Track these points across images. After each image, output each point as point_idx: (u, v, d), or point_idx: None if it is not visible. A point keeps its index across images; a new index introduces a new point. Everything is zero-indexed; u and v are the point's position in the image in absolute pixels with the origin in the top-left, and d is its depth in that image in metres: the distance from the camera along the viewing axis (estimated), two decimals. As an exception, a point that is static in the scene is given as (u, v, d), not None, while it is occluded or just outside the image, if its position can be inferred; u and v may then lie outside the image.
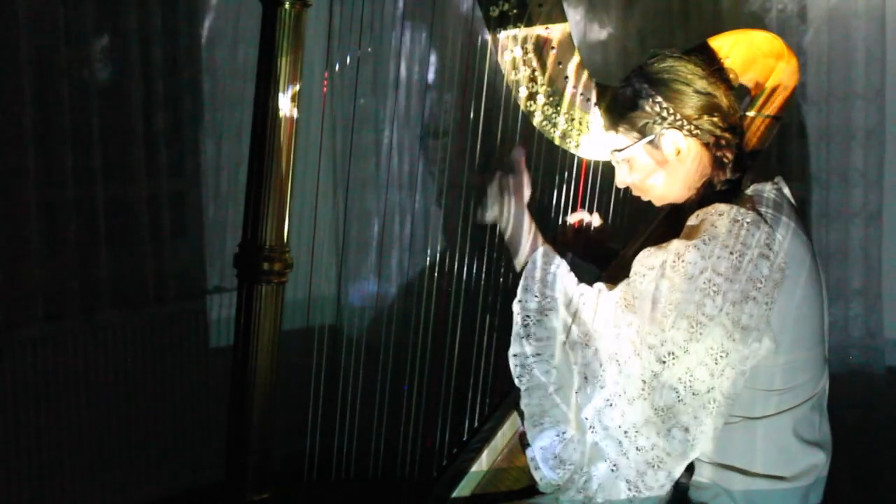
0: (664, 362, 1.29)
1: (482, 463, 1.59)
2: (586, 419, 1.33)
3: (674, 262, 1.30)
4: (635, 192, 1.53)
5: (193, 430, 2.46)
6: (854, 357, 3.33)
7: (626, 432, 1.31)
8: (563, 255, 1.50)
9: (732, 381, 1.30)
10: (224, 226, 3.35)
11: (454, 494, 1.56)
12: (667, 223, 1.67)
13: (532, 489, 1.50)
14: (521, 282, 1.43)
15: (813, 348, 1.38)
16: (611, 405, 1.31)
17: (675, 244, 1.32)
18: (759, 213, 1.31)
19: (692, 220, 1.34)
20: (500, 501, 1.55)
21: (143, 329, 3.06)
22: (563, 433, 1.36)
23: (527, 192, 1.50)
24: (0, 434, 2.51)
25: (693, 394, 1.29)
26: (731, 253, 1.27)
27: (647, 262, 1.34)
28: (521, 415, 1.45)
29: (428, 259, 1.90)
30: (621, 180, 1.52)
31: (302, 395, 1.80)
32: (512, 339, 1.42)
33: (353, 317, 3.32)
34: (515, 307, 1.43)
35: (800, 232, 1.36)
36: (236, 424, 1.52)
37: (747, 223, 1.29)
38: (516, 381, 1.41)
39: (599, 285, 1.39)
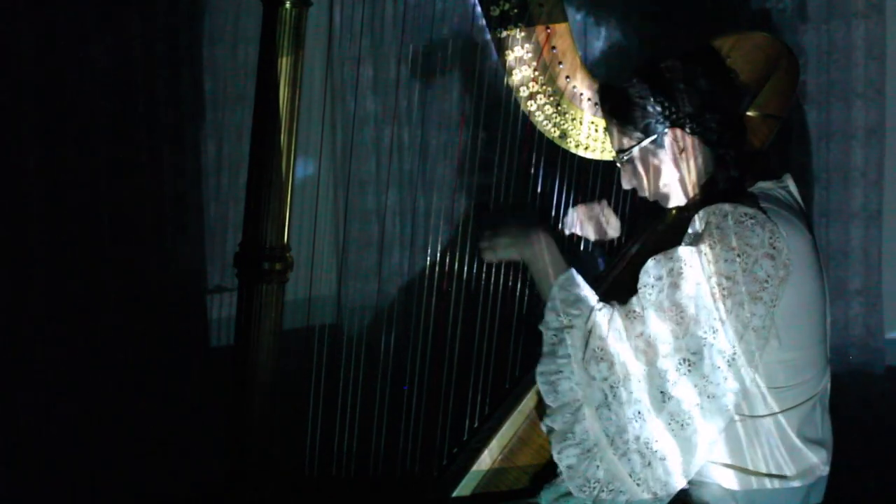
0: (680, 371, 1.29)
1: (482, 463, 1.59)
2: (607, 436, 1.33)
3: (681, 269, 1.30)
4: (641, 195, 1.53)
5: (193, 430, 2.46)
6: (854, 357, 3.34)
7: (647, 444, 1.31)
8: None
9: (743, 381, 1.31)
10: (225, 225, 3.35)
11: (454, 494, 1.56)
12: (669, 225, 1.67)
13: (532, 489, 1.50)
14: (548, 303, 1.44)
15: (815, 346, 1.38)
16: (632, 420, 1.32)
17: (681, 251, 1.31)
18: (763, 211, 1.31)
19: (696, 222, 1.33)
20: (500, 501, 1.55)
21: (143, 329, 3.06)
22: (589, 451, 1.36)
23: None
24: (0, 434, 2.51)
25: (709, 397, 1.29)
26: (738, 255, 1.27)
27: (654, 271, 1.33)
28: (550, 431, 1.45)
29: (428, 259, 1.90)
30: (626, 182, 1.52)
31: (302, 395, 1.80)
32: (540, 358, 1.43)
33: (354, 316, 3.32)
34: (542, 327, 1.44)
35: (804, 230, 1.36)
36: (236, 424, 1.52)
37: (751, 223, 1.28)
38: (545, 399, 1.41)
39: (614, 303, 1.40)
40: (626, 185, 1.53)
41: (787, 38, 3.12)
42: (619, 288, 1.66)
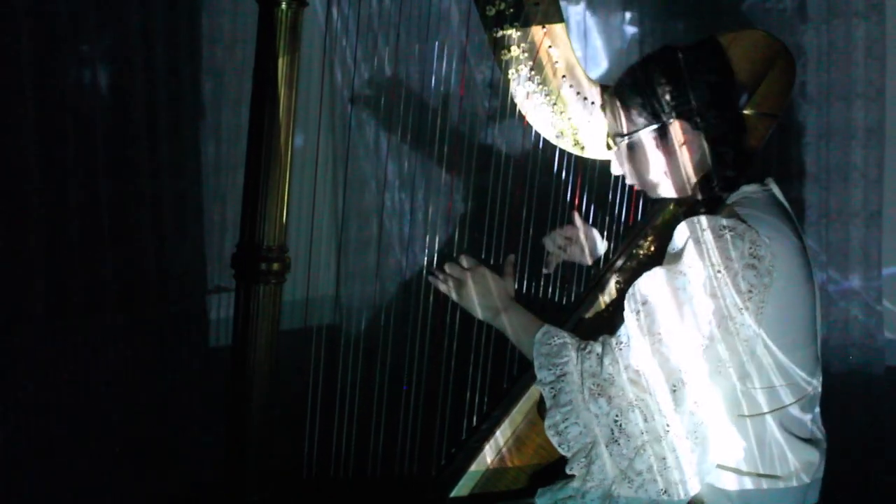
0: (676, 391, 1.29)
1: (481, 462, 1.59)
2: (621, 471, 1.33)
3: (664, 291, 1.30)
4: (630, 181, 1.52)
5: (193, 430, 2.47)
6: (854, 357, 3.33)
7: (660, 472, 1.31)
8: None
9: (737, 388, 1.31)
10: (224, 225, 3.36)
11: (453, 494, 1.56)
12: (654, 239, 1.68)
13: (530, 489, 1.50)
14: (535, 362, 1.44)
15: (805, 347, 1.37)
16: (641, 450, 1.32)
17: (661, 274, 1.31)
18: (742, 219, 1.29)
19: (675, 238, 1.33)
20: (498, 501, 1.55)
21: (143, 329, 3.06)
22: (608, 490, 1.35)
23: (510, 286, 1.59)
24: (0, 434, 2.51)
25: (707, 410, 1.29)
26: (718, 271, 1.26)
27: (637, 296, 1.33)
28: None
29: (426, 259, 1.90)
30: (618, 167, 1.51)
31: (301, 395, 1.80)
32: (546, 413, 1.43)
33: (352, 316, 3.32)
34: (537, 385, 1.44)
35: (789, 232, 1.34)
36: (236, 424, 1.52)
37: (730, 235, 1.27)
38: (559, 450, 1.40)
39: (605, 336, 1.40)
40: (615, 171, 1.52)
41: (787, 38, 3.12)
42: (603, 314, 1.68)
